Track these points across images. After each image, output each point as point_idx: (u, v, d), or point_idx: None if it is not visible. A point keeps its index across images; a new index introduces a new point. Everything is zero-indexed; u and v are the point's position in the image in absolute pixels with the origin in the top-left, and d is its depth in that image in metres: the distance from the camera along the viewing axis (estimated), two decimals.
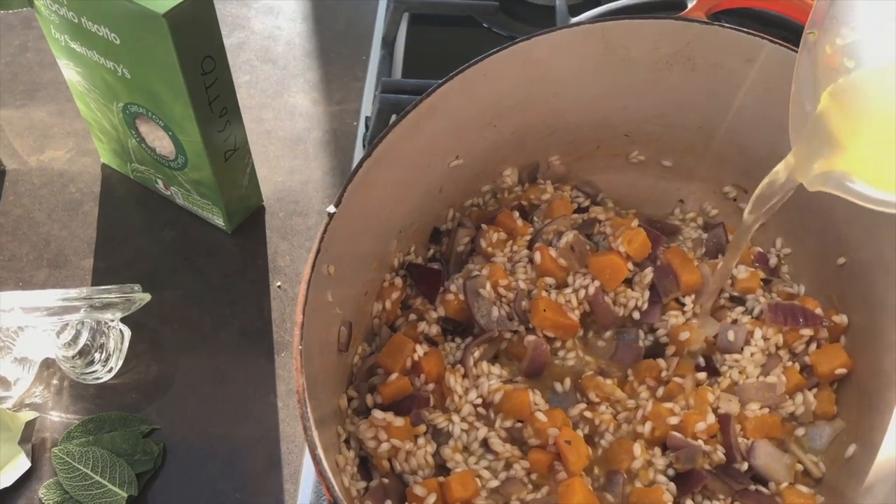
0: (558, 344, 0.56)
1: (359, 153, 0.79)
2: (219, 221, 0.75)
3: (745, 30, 0.55)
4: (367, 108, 0.82)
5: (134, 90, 0.65)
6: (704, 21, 0.55)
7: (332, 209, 0.45)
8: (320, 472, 0.36)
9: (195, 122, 0.64)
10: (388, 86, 0.74)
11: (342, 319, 0.50)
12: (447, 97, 0.52)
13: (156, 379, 0.67)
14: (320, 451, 0.37)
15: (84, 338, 0.64)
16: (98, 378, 0.65)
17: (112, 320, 0.65)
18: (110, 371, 0.66)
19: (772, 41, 0.54)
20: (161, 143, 0.69)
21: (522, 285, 0.57)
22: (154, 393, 0.66)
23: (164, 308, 0.71)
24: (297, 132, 0.84)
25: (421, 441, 0.50)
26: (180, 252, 0.75)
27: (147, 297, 0.67)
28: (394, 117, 0.74)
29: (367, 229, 0.51)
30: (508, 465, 0.50)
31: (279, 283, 0.73)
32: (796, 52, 0.54)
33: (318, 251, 0.44)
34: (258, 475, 0.61)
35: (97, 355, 0.65)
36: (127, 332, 0.66)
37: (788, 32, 0.67)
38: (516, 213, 0.61)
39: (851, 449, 0.49)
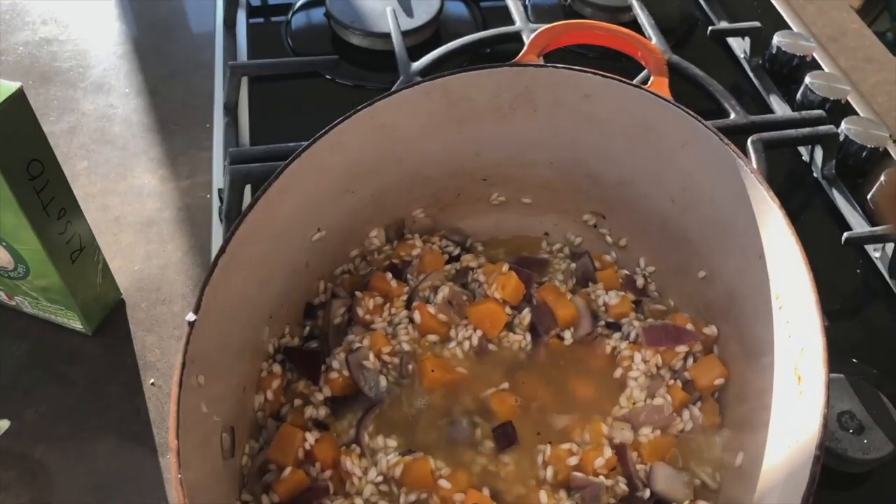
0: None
1: (216, 227, 0.76)
2: (76, 325, 0.70)
3: (578, 68, 0.56)
4: (218, 178, 0.79)
5: None
6: (538, 64, 0.57)
7: (191, 317, 0.43)
8: None
9: (31, 230, 0.59)
10: (237, 156, 0.72)
11: (223, 426, 0.47)
12: (297, 175, 0.50)
13: None
14: None
15: None
16: None
17: None
18: None
19: (603, 76, 0.56)
20: None
21: (406, 347, 0.57)
22: None
23: (28, 429, 0.65)
24: (148, 214, 0.80)
25: None
26: (37, 364, 0.69)
27: (5, 424, 0.62)
28: (248, 188, 0.72)
29: (234, 325, 0.49)
30: None
31: (152, 381, 0.69)
32: (626, 84, 0.56)
33: (184, 364, 0.41)
34: None
35: None
36: None
37: (617, 63, 0.70)
38: (389, 275, 0.60)
39: (740, 457, 0.51)
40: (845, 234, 0.70)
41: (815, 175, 0.80)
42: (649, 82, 0.58)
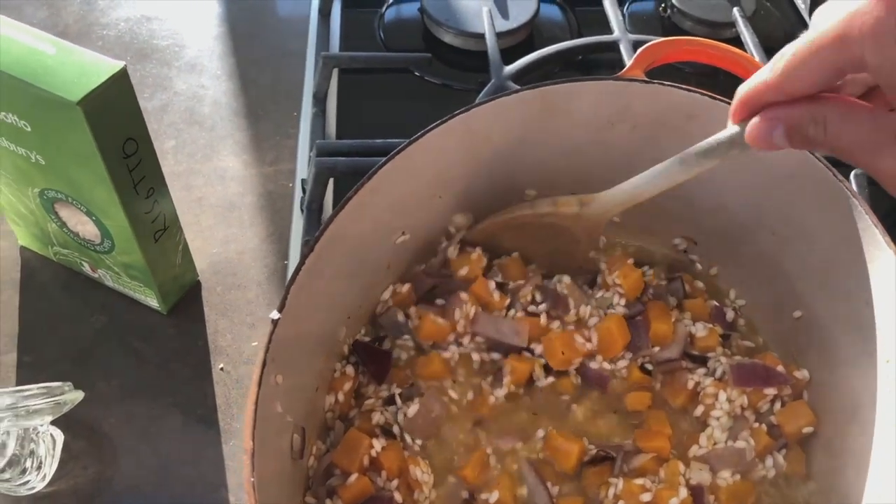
0: None
1: (297, 217, 0.76)
2: (153, 303, 0.71)
3: (684, 87, 0.54)
4: (302, 167, 0.79)
5: (50, 176, 0.61)
6: (643, 80, 0.54)
7: (275, 315, 0.42)
8: None
9: (120, 207, 0.60)
10: (324, 149, 0.71)
11: (294, 426, 0.46)
12: (388, 177, 0.49)
13: (95, 481, 0.62)
14: None
15: (11, 448, 0.59)
16: (32, 488, 0.60)
17: (41, 425, 0.60)
18: (44, 479, 0.61)
19: (711, 97, 0.53)
20: (84, 227, 0.65)
21: None
22: (94, 499, 0.61)
23: (100, 401, 0.66)
24: (230, 198, 0.81)
25: None
26: (114, 338, 0.70)
27: (79, 395, 0.62)
28: (331, 181, 0.71)
29: (314, 324, 0.48)
30: None
31: (221, 366, 0.69)
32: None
33: (265, 363, 0.41)
34: None
35: (28, 463, 0.60)
36: (59, 436, 0.62)
37: (714, 80, 0.67)
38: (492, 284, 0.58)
39: None
40: None
41: None
42: None
